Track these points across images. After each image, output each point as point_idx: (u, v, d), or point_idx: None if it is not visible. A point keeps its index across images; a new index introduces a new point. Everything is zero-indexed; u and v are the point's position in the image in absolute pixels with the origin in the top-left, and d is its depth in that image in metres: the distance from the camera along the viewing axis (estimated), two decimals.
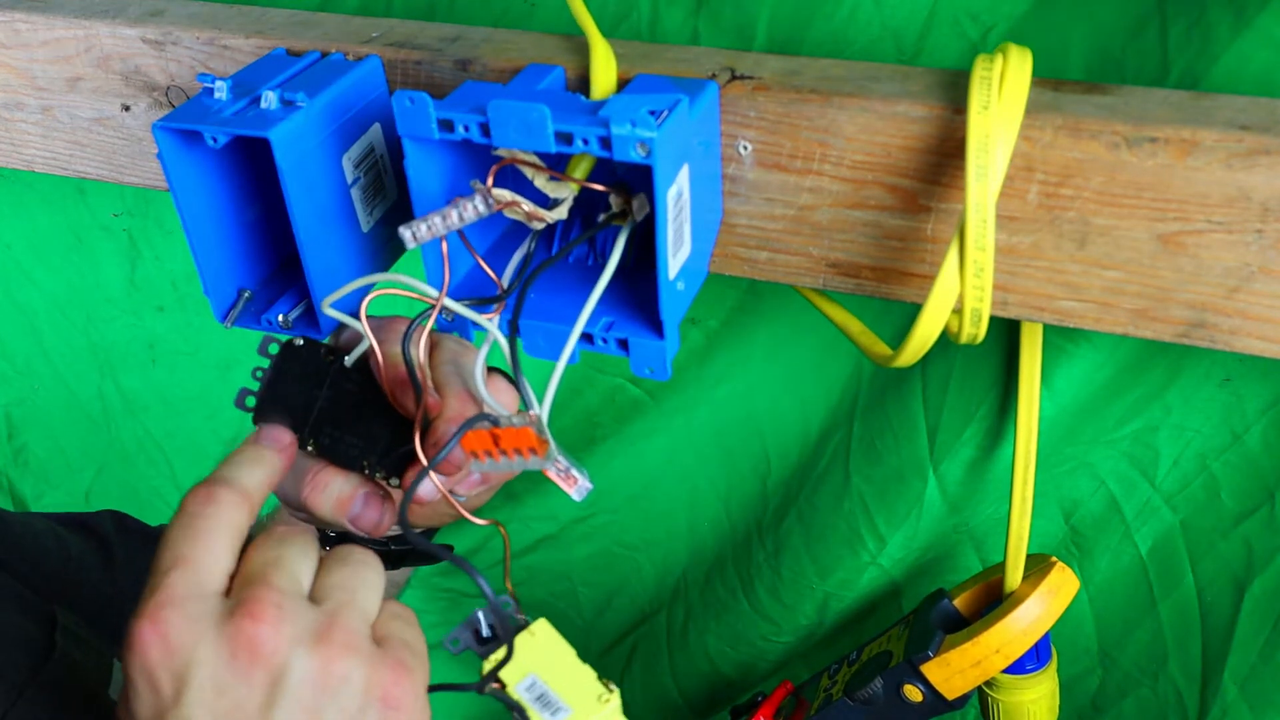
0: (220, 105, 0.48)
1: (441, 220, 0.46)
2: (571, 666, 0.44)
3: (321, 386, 0.50)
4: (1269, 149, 0.41)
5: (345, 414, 0.49)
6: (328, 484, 0.50)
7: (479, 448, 0.44)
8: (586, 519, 0.90)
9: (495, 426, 0.43)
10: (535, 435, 0.43)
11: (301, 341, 0.51)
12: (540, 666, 0.44)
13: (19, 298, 0.96)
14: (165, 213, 0.86)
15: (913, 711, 0.67)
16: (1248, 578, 0.68)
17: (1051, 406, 0.66)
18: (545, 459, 0.44)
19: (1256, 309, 0.45)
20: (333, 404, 0.50)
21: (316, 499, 0.50)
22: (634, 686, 0.99)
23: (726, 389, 0.78)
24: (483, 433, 0.44)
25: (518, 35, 0.54)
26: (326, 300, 0.48)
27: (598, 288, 0.46)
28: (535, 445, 0.44)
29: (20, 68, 0.62)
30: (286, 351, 0.50)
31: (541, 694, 0.43)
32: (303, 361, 0.50)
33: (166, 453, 1.02)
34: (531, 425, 0.43)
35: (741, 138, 0.49)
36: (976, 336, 0.45)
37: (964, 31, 0.57)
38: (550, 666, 0.44)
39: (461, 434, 0.44)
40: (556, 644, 0.45)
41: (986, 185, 0.41)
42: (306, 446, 0.50)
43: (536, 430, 0.43)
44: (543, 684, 0.44)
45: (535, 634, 0.45)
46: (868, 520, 0.77)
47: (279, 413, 0.49)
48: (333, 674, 0.40)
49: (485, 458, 0.44)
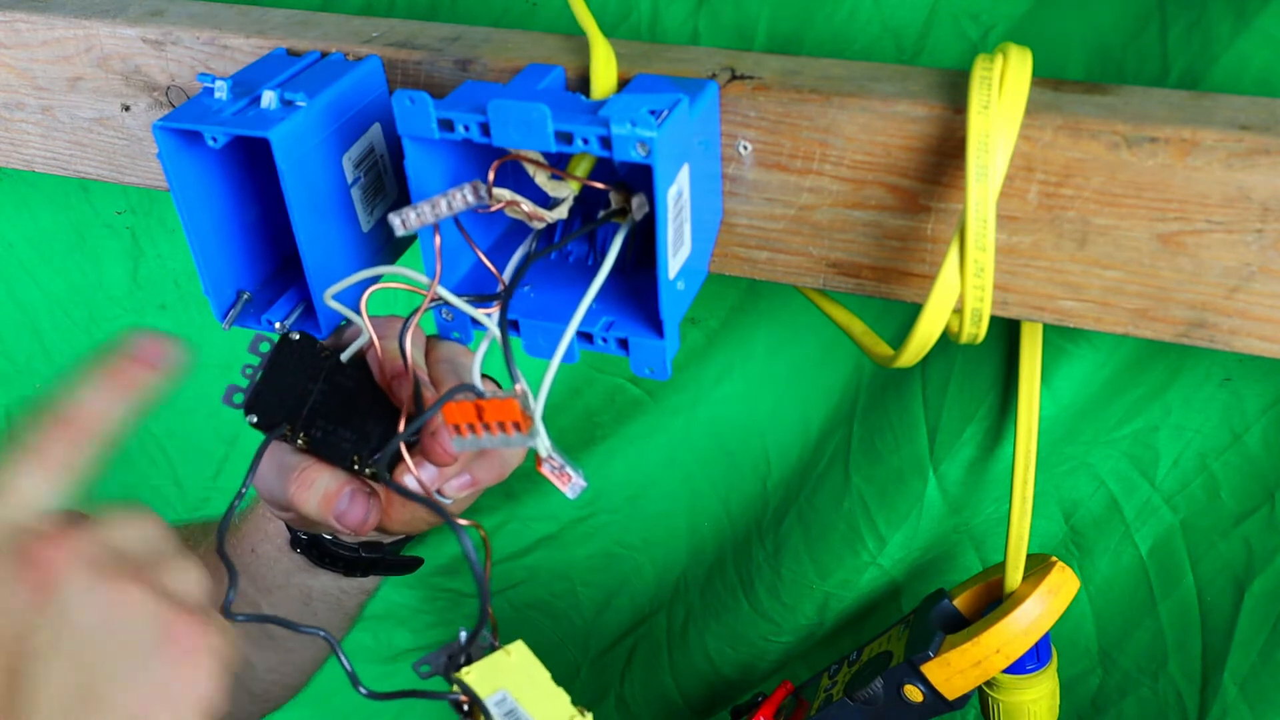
0: (220, 105, 0.48)
1: (430, 208, 0.45)
2: (546, 688, 0.43)
3: (316, 381, 0.50)
4: (1269, 149, 0.41)
5: (338, 409, 0.49)
6: (314, 480, 0.50)
7: (461, 420, 0.43)
8: (586, 519, 0.90)
9: (479, 398, 0.43)
10: (520, 409, 0.42)
11: (298, 336, 0.50)
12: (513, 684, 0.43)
13: (21, 296, 0.96)
14: (168, 211, 0.86)
15: (913, 711, 0.67)
16: (1248, 578, 0.68)
17: (1051, 406, 0.66)
18: (529, 435, 0.43)
19: (1256, 309, 0.45)
20: (326, 399, 0.50)
21: (303, 496, 0.50)
22: (634, 686, 0.99)
23: (726, 389, 0.78)
24: (466, 405, 0.43)
25: (518, 35, 0.54)
26: (329, 291, 0.48)
27: (593, 286, 0.46)
28: (519, 420, 0.43)
29: (20, 68, 0.62)
30: (283, 345, 0.50)
31: (511, 710, 0.43)
32: (298, 356, 0.50)
33: (167, 452, 1.02)
34: (516, 398, 0.42)
35: (741, 137, 0.49)
36: (977, 336, 0.45)
37: (964, 31, 0.57)
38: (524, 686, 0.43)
39: (444, 402, 0.43)
40: (532, 665, 0.44)
41: (986, 185, 0.41)
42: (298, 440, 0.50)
43: (521, 404, 0.42)
44: (513, 700, 0.43)
45: (511, 654, 0.44)
46: (868, 520, 0.77)
47: (271, 406, 0.49)
48: (116, 599, 0.38)
49: (468, 432, 0.44)
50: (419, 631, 1.03)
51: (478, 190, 0.45)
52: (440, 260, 0.47)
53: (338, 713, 0.97)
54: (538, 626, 0.97)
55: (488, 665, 0.44)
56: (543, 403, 0.44)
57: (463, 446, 0.44)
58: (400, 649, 1.02)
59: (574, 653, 0.99)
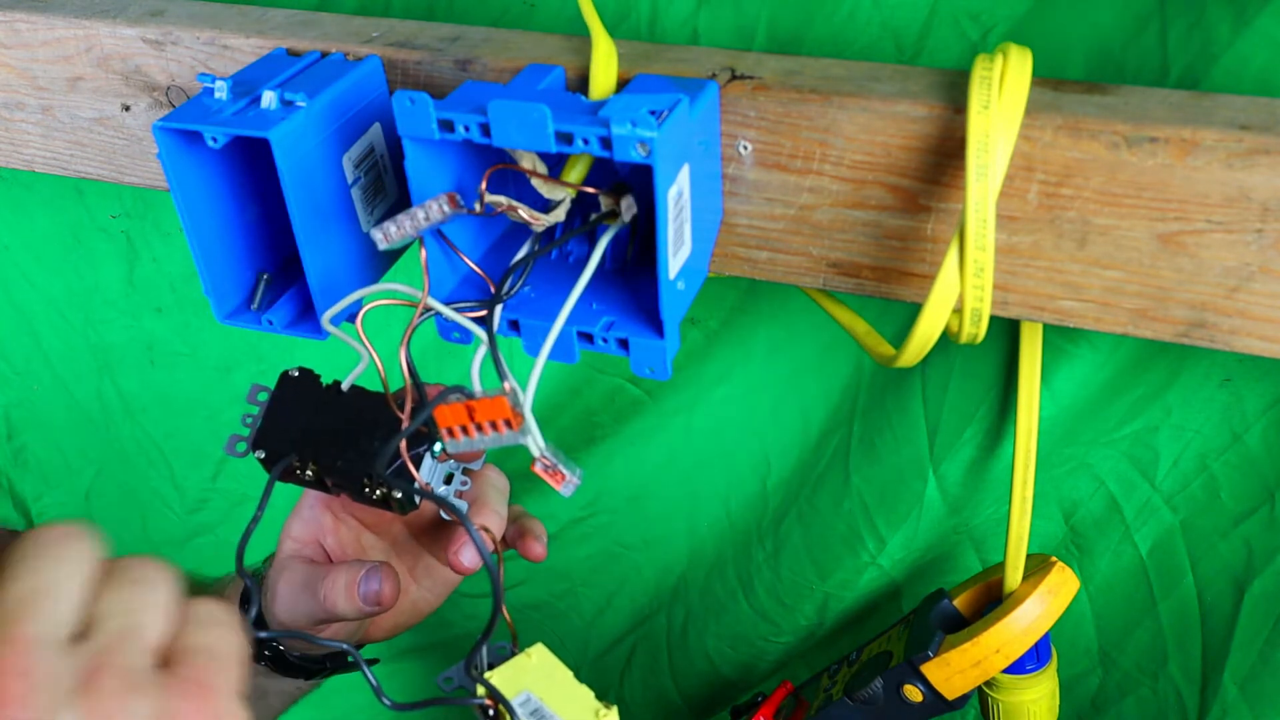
0: (220, 105, 0.48)
1: (410, 221, 0.46)
2: (569, 687, 0.44)
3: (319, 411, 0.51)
4: (1269, 149, 0.41)
5: (344, 435, 0.50)
6: (334, 579, 0.52)
7: (454, 423, 0.44)
8: (586, 519, 0.90)
9: (470, 399, 0.43)
10: (510, 406, 0.43)
11: (297, 372, 0.52)
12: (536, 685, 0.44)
13: (17, 299, 0.96)
14: (163, 214, 0.86)
15: (913, 711, 0.67)
16: (1248, 578, 0.68)
17: (1051, 406, 0.66)
18: (521, 433, 0.44)
19: (1256, 309, 0.45)
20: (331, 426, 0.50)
21: (335, 598, 0.52)
22: (634, 686, 0.99)
23: (726, 389, 0.78)
24: (458, 406, 0.43)
25: (518, 35, 0.54)
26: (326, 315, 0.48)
27: (579, 284, 0.46)
28: (510, 417, 0.43)
29: (20, 68, 0.62)
30: (283, 382, 0.51)
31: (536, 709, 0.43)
32: (299, 391, 0.51)
33: (165, 453, 1.02)
34: (506, 396, 0.43)
35: (741, 137, 0.49)
36: (976, 336, 0.45)
37: (964, 31, 0.57)
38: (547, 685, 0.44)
39: (435, 404, 0.43)
40: (554, 666, 0.45)
41: (986, 185, 0.41)
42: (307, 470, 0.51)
43: (511, 401, 0.43)
44: (537, 700, 0.44)
45: (532, 656, 0.45)
46: (868, 520, 0.77)
47: (277, 440, 0.50)
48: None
49: (461, 434, 0.44)
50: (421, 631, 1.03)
51: (454, 200, 0.45)
52: (428, 272, 0.47)
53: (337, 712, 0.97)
54: (537, 626, 0.97)
55: (510, 669, 0.45)
56: (531, 398, 0.44)
57: (456, 448, 0.45)
58: (401, 648, 1.02)
59: (574, 653, 0.99)
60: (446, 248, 0.49)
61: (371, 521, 0.59)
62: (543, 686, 0.44)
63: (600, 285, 0.50)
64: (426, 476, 0.52)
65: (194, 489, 1.03)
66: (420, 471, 0.51)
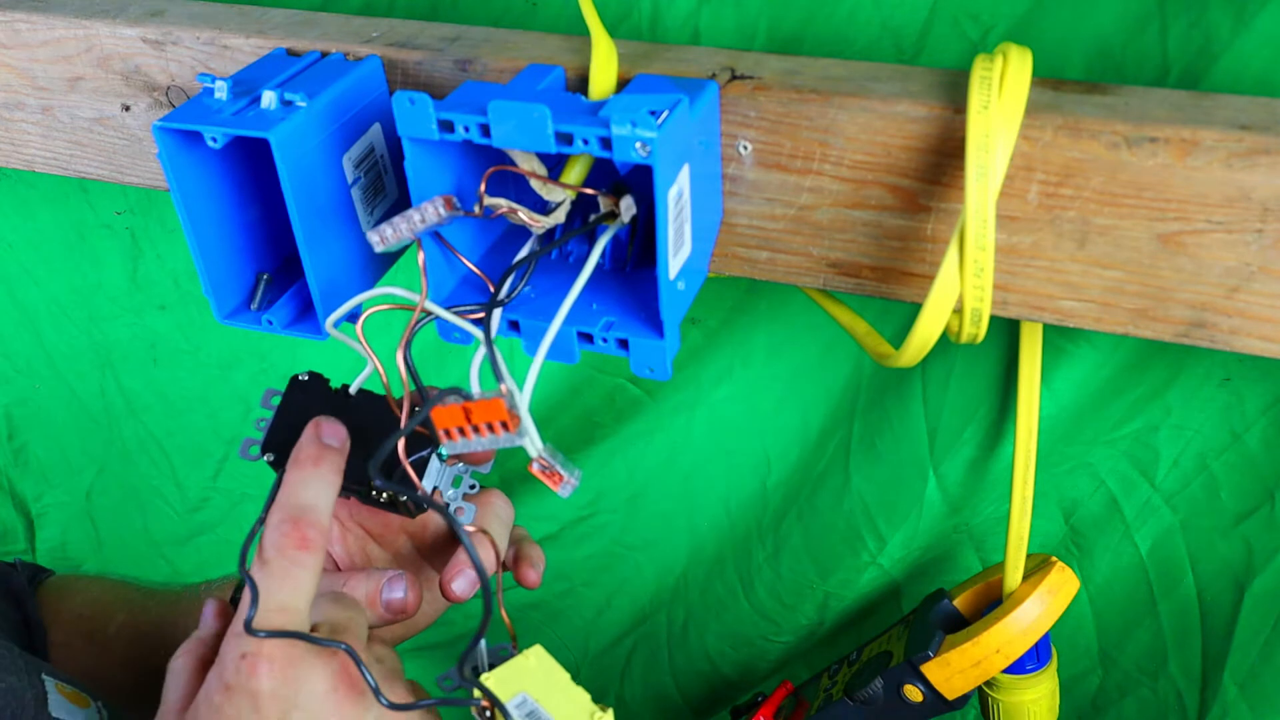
0: (220, 105, 0.48)
1: (406, 224, 0.46)
2: (566, 689, 0.44)
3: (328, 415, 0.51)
4: (1269, 149, 0.41)
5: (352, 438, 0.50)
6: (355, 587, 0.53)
7: (451, 424, 0.44)
8: (586, 519, 0.90)
9: (467, 400, 0.43)
10: (506, 407, 0.43)
11: (306, 376, 0.52)
12: (533, 686, 0.44)
13: (20, 296, 0.96)
14: (167, 211, 0.86)
15: (913, 711, 0.67)
16: (1248, 578, 0.68)
17: (1051, 406, 0.66)
18: (518, 434, 0.44)
19: (1256, 309, 0.45)
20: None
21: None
22: (634, 686, 0.99)
23: (726, 389, 0.78)
24: (454, 408, 0.43)
25: (518, 35, 0.54)
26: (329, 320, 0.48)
27: (577, 284, 0.46)
28: (507, 419, 0.43)
29: (20, 68, 0.62)
30: (293, 387, 0.52)
31: (531, 711, 0.43)
32: (308, 395, 0.52)
33: (168, 452, 1.02)
34: (502, 397, 0.43)
35: (741, 138, 0.49)
36: (976, 336, 0.45)
37: (964, 31, 0.57)
38: (544, 687, 0.44)
39: (432, 406, 0.44)
40: (551, 668, 0.45)
41: (986, 185, 0.41)
42: None
43: (508, 403, 0.43)
44: (534, 702, 0.44)
45: (530, 658, 0.45)
46: (868, 520, 0.77)
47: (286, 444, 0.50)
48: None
49: (458, 436, 0.44)
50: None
51: (451, 203, 0.45)
52: (426, 274, 0.47)
53: None
54: (537, 626, 0.98)
55: (508, 670, 0.45)
56: (528, 399, 0.44)
57: (454, 450, 0.45)
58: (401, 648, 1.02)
59: (574, 653, 0.99)
60: (445, 248, 0.49)
61: (378, 532, 0.59)
62: (540, 688, 0.44)
63: (600, 285, 0.50)
64: (433, 480, 0.52)
65: (195, 488, 1.03)
66: (426, 475, 0.51)
